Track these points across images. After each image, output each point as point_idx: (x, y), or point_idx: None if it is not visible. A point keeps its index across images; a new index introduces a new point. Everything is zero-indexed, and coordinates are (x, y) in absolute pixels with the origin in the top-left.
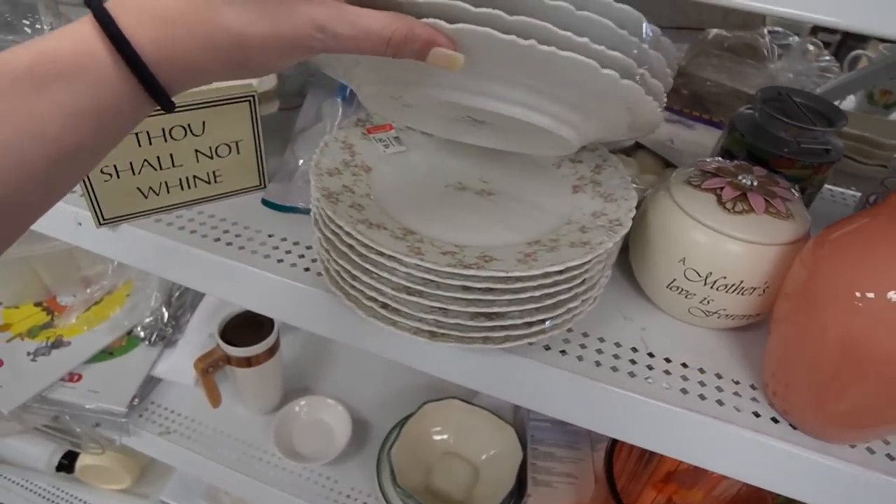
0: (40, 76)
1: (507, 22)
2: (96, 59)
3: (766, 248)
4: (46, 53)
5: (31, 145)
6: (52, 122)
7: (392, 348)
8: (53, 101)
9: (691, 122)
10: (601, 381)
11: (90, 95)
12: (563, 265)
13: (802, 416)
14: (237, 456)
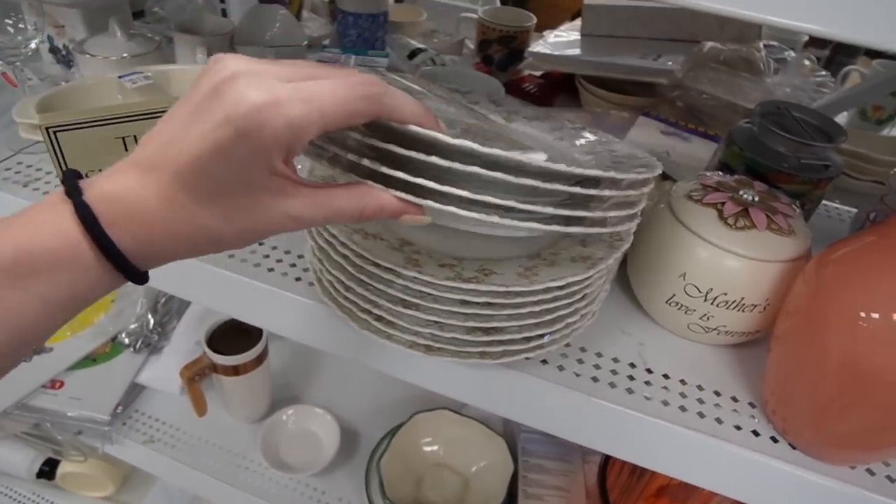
0: (21, 272)
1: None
2: (78, 255)
3: (768, 264)
4: (27, 249)
5: (3, 334)
6: (28, 311)
7: (385, 361)
8: (33, 294)
9: (687, 134)
10: (599, 398)
11: (69, 286)
12: (565, 280)
13: (802, 436)
14: (223, 466)
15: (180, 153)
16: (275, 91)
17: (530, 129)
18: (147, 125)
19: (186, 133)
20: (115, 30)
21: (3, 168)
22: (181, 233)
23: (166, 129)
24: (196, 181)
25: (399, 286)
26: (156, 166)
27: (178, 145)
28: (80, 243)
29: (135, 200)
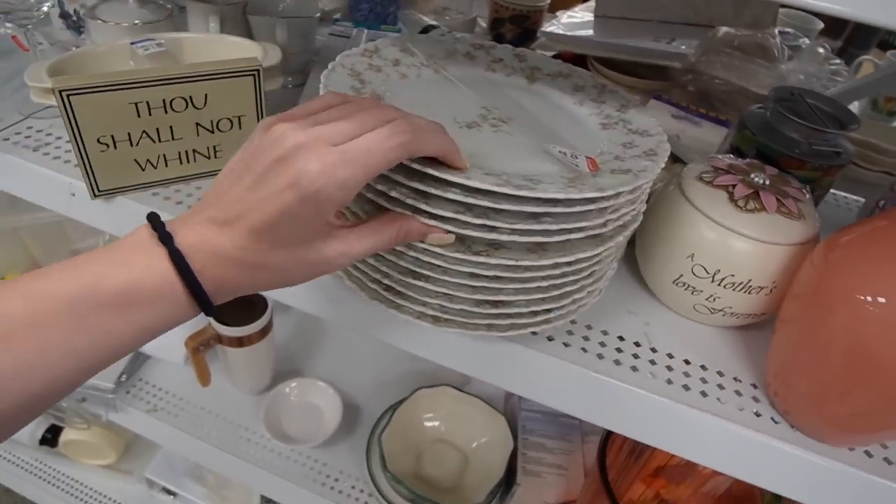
0: (125, 304)
1: None
2: (172, 293)
3: (777, 247)
4: (130, 285)
5: (102, 354)
6: (125, 337)
7: (392, 333)
8: (131, 322)
9: (698, 118)
10: (603, 374)
11: (161, 317)
12: (574, 256)
13: (803, 418)
14: (225, 435)
15: (252, 212)
16: (327, 160)
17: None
18: (160, 92)
19: (255, 196)
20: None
21: (14, 132)
22: (250, 277)
23: (233, 190)
24: (266, 235)
25: (410, 258)
26: (229, 222)
27: (248, 205)
28: (174, 284)
29: (214, 251)
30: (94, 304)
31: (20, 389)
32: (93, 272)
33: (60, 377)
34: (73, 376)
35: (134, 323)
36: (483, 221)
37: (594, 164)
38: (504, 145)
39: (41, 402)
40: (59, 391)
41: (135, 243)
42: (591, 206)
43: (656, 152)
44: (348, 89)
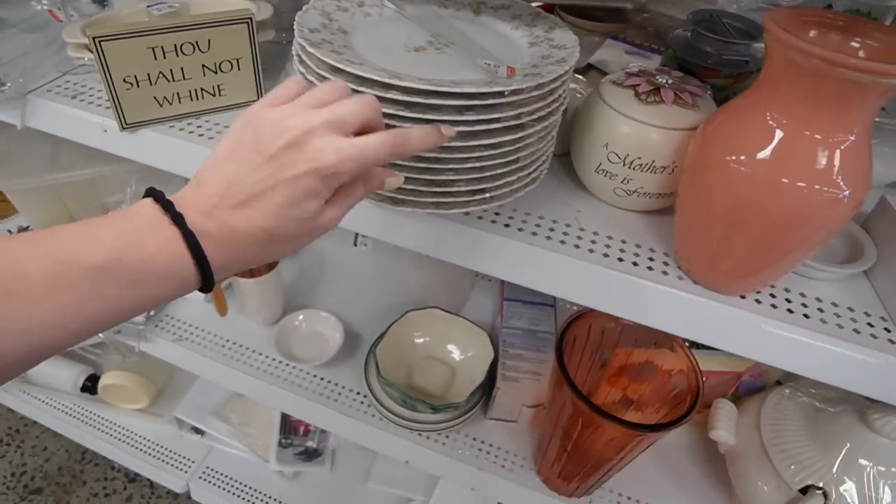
0: (138, 280)
1: None
2: (183, 270)
3: (673, 132)
4: (144, 263)
5: (110, 320)
6: (132, 308)
7: (362, 223)
8: (140, 294)
9: (649, 53)
10: (536, 246)
11: (169, 290)
12: (496, 139)
13: (702, 273)
14: (242, 359)
15: (273, 193)
16: (337, 143)
17: (494, 18)
18: (172, 38)
19: (273, 178)
20: None
21: (55, 85)
22: (261, 251)
23: (245, 173)
24: (288, 211)
25: None
26: (246, 203)
27: (267, 186)
28: (185, 264)
29: (230, 231)
30: (111, 276)
31: (30, 343)
32: (112, 247)
33: (68, 336)
34: (80, 336)
35: (142, 295)
36: (419, 115)
37: (512, 71)
38: (443, 63)
39: (45, 354)
40: (62, 347)
41: (146, 220)
42: (500, 99)
43: (566, 59)
44: (319, 26)
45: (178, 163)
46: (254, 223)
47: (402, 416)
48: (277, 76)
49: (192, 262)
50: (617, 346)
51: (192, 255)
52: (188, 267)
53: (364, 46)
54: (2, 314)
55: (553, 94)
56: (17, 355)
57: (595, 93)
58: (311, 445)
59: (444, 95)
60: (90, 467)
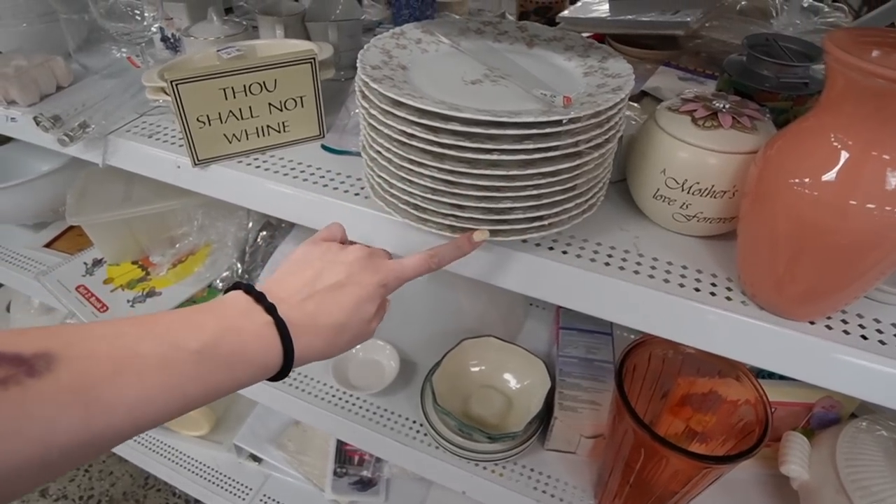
0: (233, 363)
1: None
2: (267, 359)
3: (732, 156)
4: (240, 348)
5: (202, 400)
6: (223, 389)
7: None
8: (233, 378)
9: (703, 79)
10: (595, 272)
11: (251, 375)
12: (555, 167)
13: (768, 298)
14: (301, 387)
15: (347, 292)
16: (391, 266)
17: (547, 50)
18: (241, 79)
19: (348, 279)
20: (212, 17)
21: (133, 126)
22: (324, 350)
23: (327, 274)
24: (354, 312)
25: (427, 177)
26: (325, 299)
27: (342, 284)
28: (275, 346)
29: (310, 325)
30: (210, 359)
31: (136, 417)
32: (212, 332)
33: (166, 414)
34: (173, 415)
35: (235, 379)
36: (478, 145)
37: (569, 100)
38: (500, 95)
39: (144, 429)
40: (158, 423)
41: (240, 310)
42: (559, 128)
43: (622, 87)
44: (380, 63)
45: (245, 196)
46: (331, 317)
47: (458, 445)
48: (337, 112)
49: (279, 348)
50: (679, 376)
51: (281, 341)
52: (276, 352)
53: (423, 81)
54: (117, 387)
55: (609, 121)
56: (124, 426)
57: (651, 119)
58: (366, 475)
59: (503, 125)
60: (153, 493)
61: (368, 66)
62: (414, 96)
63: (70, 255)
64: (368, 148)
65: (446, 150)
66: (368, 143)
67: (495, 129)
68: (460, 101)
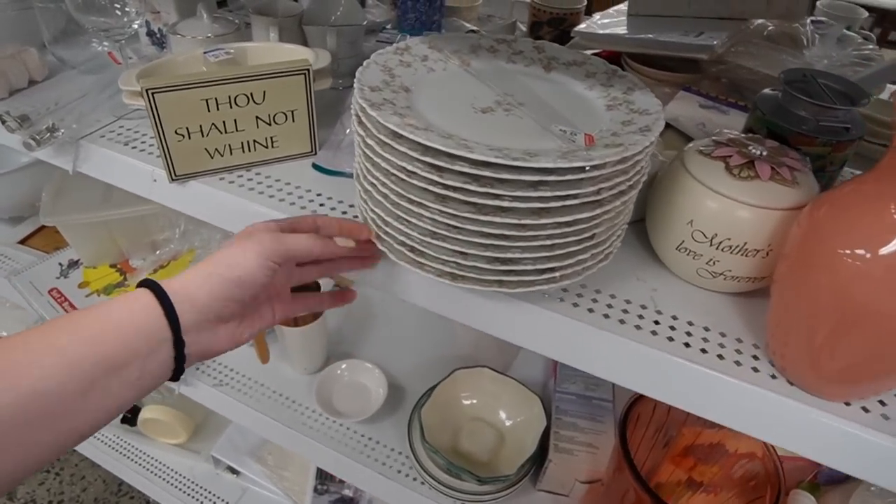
0: (120, 364)
1: None
2: (169, 371)
3: (769, 211)
4: (129, 346)
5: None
6: (116, 395)
7: (416, 292)
8: (125, 379)
9: (725, 107)
10: (608, 331)
11: (147, 372)
12: (572, 217)
13: (800, 373)
14: (282, 410)
15: (219, 256)
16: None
17: (567, 76)
18: (226, 89)
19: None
20: (202, 13)
21: (108, 131)
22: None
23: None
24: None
25: (428, 219)
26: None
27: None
28: (167, 350)
29: (184, 286)
30: (91, 365)
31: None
32: (98, 335)
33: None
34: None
35: (125, 379)
36: (487, 190)
37: (591, 139)
38: (513, 127)
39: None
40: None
41: (131, 303)
42: (581, 174)
43: (651, 128)
44: (380, 83)
45: (226, 217)
46: (208, 266)
47: (445, 484)
48: (333, 125)
49: (171, 354)
50: (684, 426)
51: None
52: (167, 354)
53: (427, 106)
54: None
55: (636, 166)
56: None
57: (678, 162)
58: (348, 494)
59: (518, 170)
60: (126, 500)
61: (367, 87)
62: (417, 128)
63: (45, 254)
64: (363, 178)
65: (450, 193)
66: (363, 172)
67: (508, 173)
68: (469, 133)
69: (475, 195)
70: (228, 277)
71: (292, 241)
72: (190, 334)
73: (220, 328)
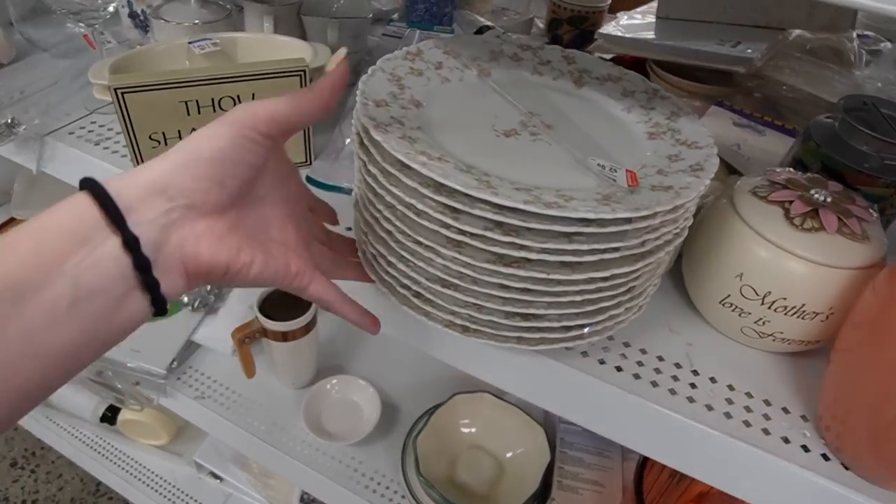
0: (28, 285)
1: None
2: (130, 287)
3: (836, 271)
4: (91, 284)
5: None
6: (31, 330)
7: (422, 338)
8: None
9: (762, 127)
10: (639, 395)
11: (86, 293)
12: (609, 272)
13: (857, 457)
14: (266, 427)
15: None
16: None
17: (601, 94)
18: (209, 91)
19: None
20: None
21: (79, 126)
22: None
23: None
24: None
25: (439, 265)
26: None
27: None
28: (136, 288)
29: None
30: (49, 303)
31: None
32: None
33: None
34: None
35: (89, 315)
36: (512, 240)
37: (634, 178)
38: (541, 156)
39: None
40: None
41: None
42: (626, 226)
43: (703, 167)
44: (387, 96)
45: None
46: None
47: None
48: (331, 131)
49: (140, 290)
50: None
51: (144, 284)
52: (136, 290)
53: (441, 126)
54: None
55: (686, 213)
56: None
57: (728, 203)
58: None
59: (550, 219)
60: (104, 500)
61: (372, 101)
62: (430, 157)
63: None
64: (363, 208)
65: (467, 239)
66: (363, 202)
67: (538, 222)
68: (489, 163)
69: (497, 244)
70: (194, 150)
71: (271, 101)
72: (146, 226)
73: (199, 223)
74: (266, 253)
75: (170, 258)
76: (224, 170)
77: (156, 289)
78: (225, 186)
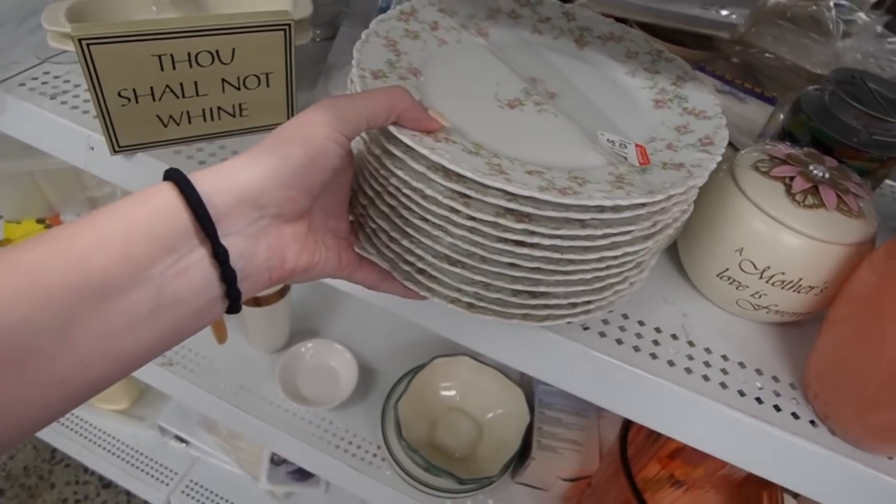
0: (114, 288)
1: None
2: (213, 297)
3: (833, 247)
4: (174, 293)
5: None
6: (114, 333)
7: (423, 314)
8: (170, 321)
9: (743, 94)
10: (640, 369)
11: (168, 299)
12: (621, 251)
13: (843, 423)
14: (238, 392)
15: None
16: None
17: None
18: (185, 44)
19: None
20: None
21: (30, 77)
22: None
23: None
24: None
25: (447, 243)
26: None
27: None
28: (216, 287)
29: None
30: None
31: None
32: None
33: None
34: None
35: (169, 321)
36: (525, 226)
37: (645, 155)
38: (547, 129)
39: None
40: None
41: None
42: (640, 210)
43: (712, 140)
44: (384, 65)
45: None
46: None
47: (421, 481)
48: (311, 89)
49: (220, 291)
50: None
51: (225, 287)
52: (217, 293)
53: (442, 97)
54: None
55: (694, 191)
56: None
57: (728, 177)
58: None
59: (565, 207)
60: (60, 468)
61: (369, 72)
62: (436, 138)
63: None
64: (363, 182)
65: (478, 225)
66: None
67: (553, 210)
68: (496, 140)
69: (509, 230)
70: (287, 157)
71: (355, 103)
72: (234, 237)
73: (285, 229)
74: (327, 247)
75: (257, 269)
76: (313, 177)
77: (237, 299)
78: (311, 194)
